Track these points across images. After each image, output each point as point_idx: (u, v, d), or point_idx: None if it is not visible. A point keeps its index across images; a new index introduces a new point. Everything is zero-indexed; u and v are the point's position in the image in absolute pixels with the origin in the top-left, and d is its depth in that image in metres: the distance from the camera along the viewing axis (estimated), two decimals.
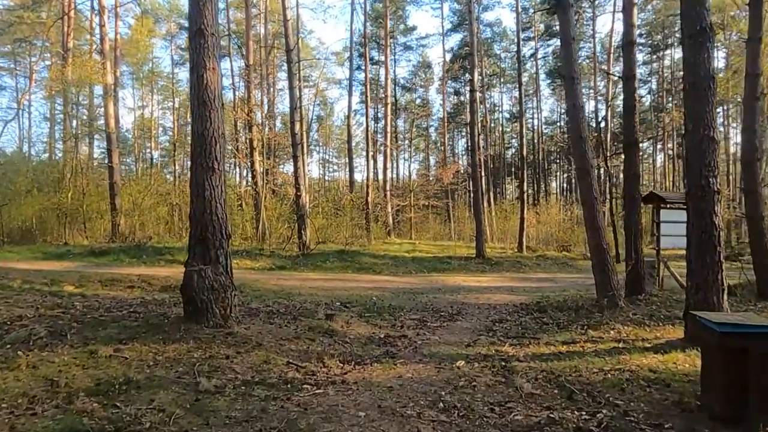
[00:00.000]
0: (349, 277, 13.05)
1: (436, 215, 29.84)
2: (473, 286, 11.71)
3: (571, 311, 7.51)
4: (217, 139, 5.08)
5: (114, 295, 7.39)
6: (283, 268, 13.90)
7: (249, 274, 12.46)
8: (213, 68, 5.12)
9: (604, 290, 7.59)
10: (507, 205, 30.36)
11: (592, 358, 4.99)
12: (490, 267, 15.92)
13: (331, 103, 48.47)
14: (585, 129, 7.81)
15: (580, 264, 17.87)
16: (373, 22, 34.55)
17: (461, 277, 13.62)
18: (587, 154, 7.78)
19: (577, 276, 15.23)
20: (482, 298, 8.90)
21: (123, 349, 4.20)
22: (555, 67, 40.46)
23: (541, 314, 7.51)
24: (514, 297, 9.28)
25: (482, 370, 4.50)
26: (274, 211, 20.94)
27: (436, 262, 16.07)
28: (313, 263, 14.74)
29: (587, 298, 8.81)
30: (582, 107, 7.80)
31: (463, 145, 48.20)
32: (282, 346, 4.73)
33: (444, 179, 25.40)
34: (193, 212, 5.10)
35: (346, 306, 7.47)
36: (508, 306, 8.23)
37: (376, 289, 10.53)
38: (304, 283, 11.18)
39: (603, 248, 7.63)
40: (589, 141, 7.89)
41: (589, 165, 7.77)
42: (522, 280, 13.86)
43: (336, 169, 53.03)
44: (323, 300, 7.96)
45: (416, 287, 11.36)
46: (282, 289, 9.69)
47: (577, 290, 11.62)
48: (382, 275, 13.86)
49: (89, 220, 17.76)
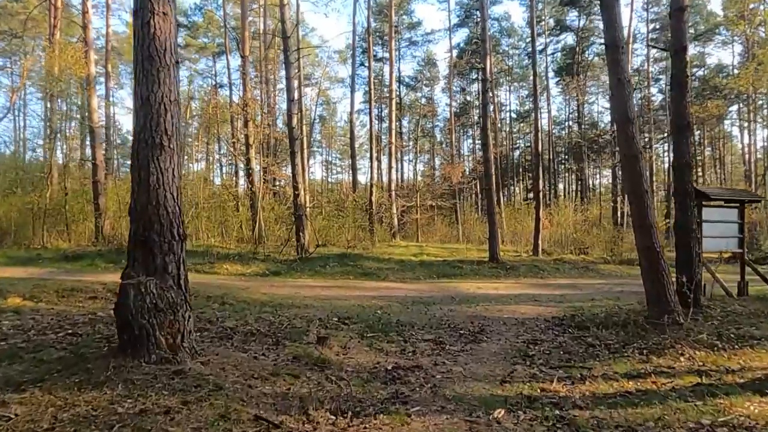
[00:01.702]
0: (350, 283, 11.73)
1: (444, 217, 28.47)
2: (491, 295, 10.37)
3: (618, 328, 6.17)
4: (168, 107, 3.78)
5: (61, 311, 6.09)
6: (278, 274, 12.61)
7: (238, 281, 11.17)
8: (164, 13, 3.83)
9: (657, 302, 6.25)
10: (517, 207, 29.01)
11: (676, 402, 3.65)
12: (505, 272, 14.56)
13: (334, 103, 47.25)
14: (632, 108, 6.47)
15: (602, 268, 16.49)
16: (377, 17, 33.35)
17: (475, 284, 12.28)
18: (635, 138, 6.44)
19: (601, 282, 13.85)
20: (506, 310, 7.55)
21: (15, 400, 2.89)
22: (564, 65, 39.13)
23: (581, 332, 6.17)
24: (542, 309, 7.92)
25: (532, 427, 3.17)
26: (272, 212, 19.71)
27: (446, 267, 14.73)
28: (312, 268, 13.44)
29: (630, 310, 7.47)
30: (629, 82, 6.47)
31: (469, 146, 46.91)
32: (252, 389, 3.41)
33: (453, 178, 24.03)
34: (133, 204, 3.81)
35: (345, 322, 6.15)
36: (538, 321, 6.88)
37: (380, 299, 9.21)
38: (299, 292, 9.87)
39: (656, 251, 6.28)
40: (637, 123, 6.55)
41: (638, 151, 6.43)
42: (542, 286, 12.51)
43: (339, 171, 51.81)
44: (318, 314, 6.63)
45: (426, 296, 10.03)
46: (272, 300, 8.38)
47: (607, 298, 10.29)
48: (387, 281, 12.54)
49: (73, 222, 16.52)
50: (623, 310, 7.67)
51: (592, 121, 41.86)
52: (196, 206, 18.19)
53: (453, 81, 32.78)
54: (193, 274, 12.11)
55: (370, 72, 22.67)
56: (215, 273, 12.11)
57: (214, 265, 12.58)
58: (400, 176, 41.41)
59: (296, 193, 15.49)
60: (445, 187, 25.48)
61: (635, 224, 6.47)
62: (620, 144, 6.61)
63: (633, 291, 12.24)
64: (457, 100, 40.91)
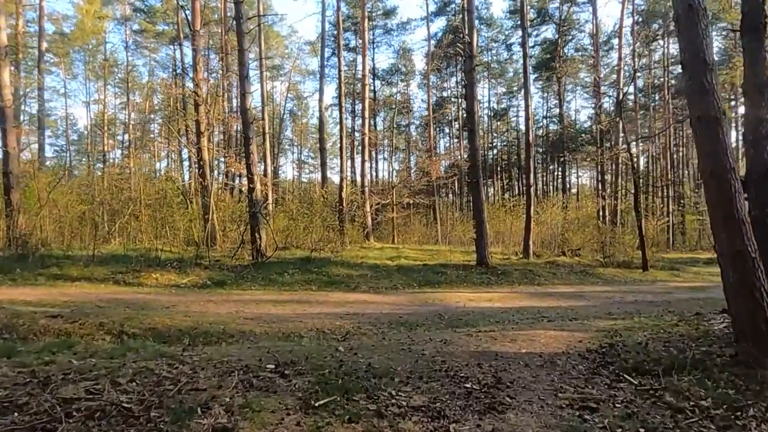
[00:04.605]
0: (311, 296, 9.44)
1: (422, 216, 26.36)
2: (486, 310, 8.27)
3: (698, 373, 4.14)
4: None
5: None
6: (222, 284, 10.21)
7: (166, 295, 8.74)
8: None
9: (753, 335, 4.21)
10: (498, 206, 27.16)
11: None
12: (496, 278, 12.52)
13: (306, 98, 44.74)
14: (710, 48, 4.44)
15: (601, 273, 14.64)
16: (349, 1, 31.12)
17: (465, 294, 10.17)
18: (714, 93, 4.40)
19: (606, 289, 11.97)
20: (520, 338, 5.41)
21: None
22: (543, 60, 37.63)
23: (645, 380, 4.09)
24: (565, 334, 5.81)
25: None
26: (227, 210, 17.21)
27: (428, 273, 12.58)
28: (267, 276, 11.09)
29: (685, 336, 5.51)
30: (704, 11, 4.46)
31: (445, 144, 45.18)
32: None
33: (431, 172, 21.91)
34: None
35: (285, 374, 3.87)
36: (571, 357, 4.75)
37: (347, 319, 6.98)
38: (242, 310, 7.54)
39: (750, 258, 4.24)
40: (716, 71, 4.51)
41: (718, 111, 4.40)
42: (543, 296, 10.50)
43: (312, 170, 49.27)
44: (246, 357, 4.32)
45: (407, 312, 7.84)
46: (195, 326, 6.04)
47: (628, 313, 8.35)
48: (357, 292, 10.31)
49: None
50: (674, 335, 5.69)
51: (569, 120, 40.62)
52: (135, 203, 15.57)
53: (431, 70, 30.68)
54: (110, 286, 9.60)
55: (339, 51, 20.30)
56: (140, 284, 9.63)
57: (141, 275, 10.06)
58: (375, 175, 39.22)
59: (251, 187, 13.10)
60: (423, 182, 23.35)
61: (716, 218, 4.42)
62: (691, 100, 4.55)
63: (648, 301, 10.35)
64: (434, 95, 39.01)
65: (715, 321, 6.62)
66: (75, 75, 42.74)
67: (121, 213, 16.10)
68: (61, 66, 40.66)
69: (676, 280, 14.43)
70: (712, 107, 4.38)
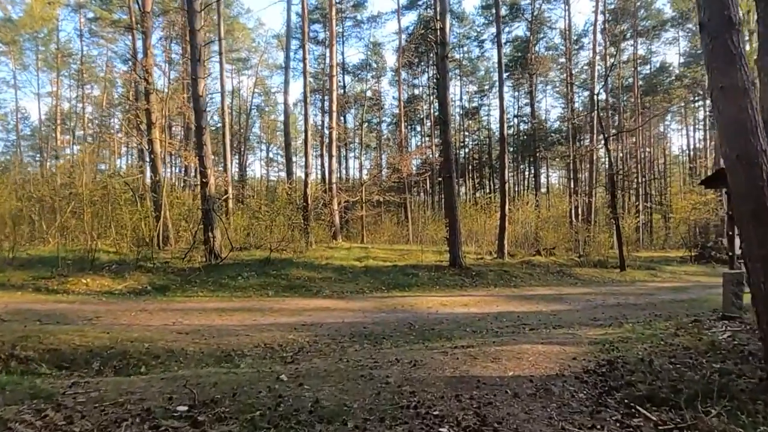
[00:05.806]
0: (266, 303, 8.37)
1: (393, 215, 25.45)
2: (461, 316, 7.42)
3: (721, 399, 3.34)
4: None
5: None
6: (165, 290, 9.02)
7: (93, 304, 7.52)
8: None
9: None
10: (470, 204, 26.53)
11: None
12: (471, 280, 11.71)
13: (274, 94, 43.11)
14: (736, 5, 3.65)
15: (578, 273, 14.05)
16: None
17: (438, 298, 9.31)
18: (742, 59, 3.61)
19: (586, 291, 11.33)
20: (504, 357, 4.53)
21: None
22: (515, 58, 37.31)
23: (660, 410, 3.28)
24: (556, 349, 4.97)
25: None
26: (181, 207, 15.86)
27: (398, 275, 11.67)
28: (218, 280, 9.93)
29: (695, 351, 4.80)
30: None
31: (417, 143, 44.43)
32: None
33: (402, 168, 20.98)
34: None
35: (197, 423, 2.84)
36: (567, 382, 3.89)
37: (303, 331, 5.97)
38: (178, 322, 6.43)
39: None
40: (742, 31, 3.74)
41: (747, 80, 3.61)
42: (521, 300, 9.72)
43: (281, 168, 47.66)
44: (151, 395, 3.26)
45: (373, 322, 6.89)
46: (112, 344, 4.91)
47: (614, 318, 7.67)
48: (319, 298, 9.30)
49: None
50: (678, 348, 4.95)
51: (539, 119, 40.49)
52: (77, 200, 14.08)
53: (402, 65, 29.79)
54: (27, 294, 8.24)
55: (304, 42, 19.13)
56: (66, 292, 8.33)
57: (68, 280, 8.74)
58: (345, 173, 38.07)
59: (204, 181, 11.89)
60: (394, 179, 22.42)
61: (743, 212, 3.62)
62: (713, 67, 3.73)
63: (631, 303, 9.69)
64: (406, 91, 38.21)
65: (717, 330, 5.95)
66: (26, 65, 40.06)
67: (62, 211, 14.56)
68: (9, 55, 37.97)
69: (654, 281, 13.97)
70: (739, 76, 3.58)
